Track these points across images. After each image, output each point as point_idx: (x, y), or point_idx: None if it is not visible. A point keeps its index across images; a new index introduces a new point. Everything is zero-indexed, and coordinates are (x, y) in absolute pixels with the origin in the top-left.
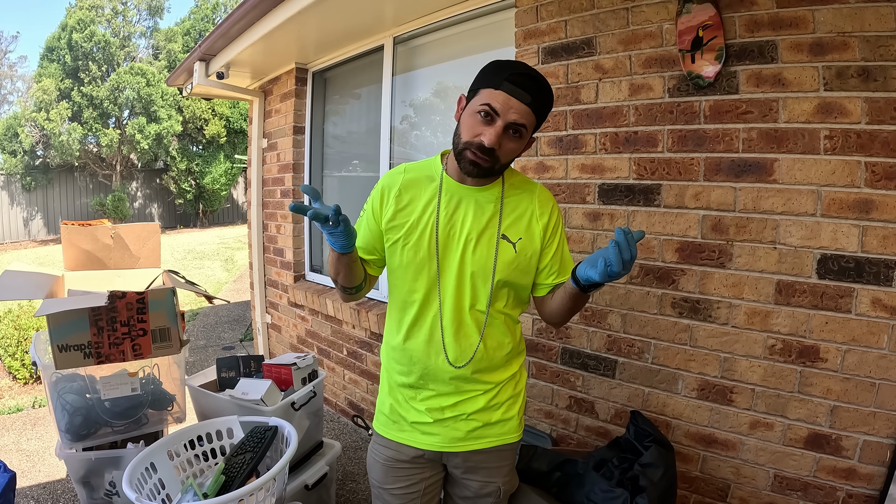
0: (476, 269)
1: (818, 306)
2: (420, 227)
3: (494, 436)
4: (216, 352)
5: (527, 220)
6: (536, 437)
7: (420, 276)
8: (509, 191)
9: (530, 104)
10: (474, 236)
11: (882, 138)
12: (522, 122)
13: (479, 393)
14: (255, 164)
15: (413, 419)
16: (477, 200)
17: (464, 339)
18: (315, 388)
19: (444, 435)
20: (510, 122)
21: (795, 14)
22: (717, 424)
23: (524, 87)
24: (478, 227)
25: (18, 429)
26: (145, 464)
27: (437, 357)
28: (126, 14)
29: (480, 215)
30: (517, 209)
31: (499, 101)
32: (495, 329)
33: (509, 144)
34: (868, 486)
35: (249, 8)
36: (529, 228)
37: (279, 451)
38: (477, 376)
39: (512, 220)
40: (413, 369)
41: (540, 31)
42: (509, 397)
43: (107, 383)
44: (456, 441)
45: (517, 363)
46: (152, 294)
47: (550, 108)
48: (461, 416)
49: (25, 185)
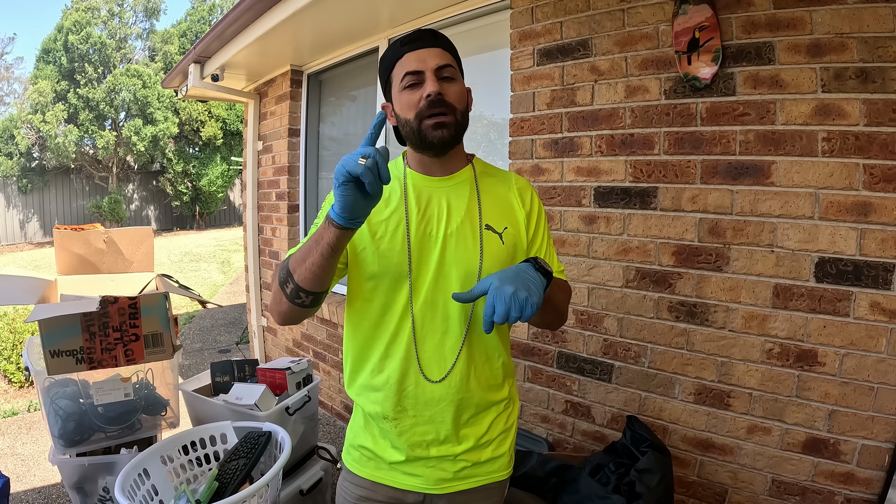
0: (459, 269)
1: (816, 310)
2: (391, 231)
3: (484, 474)
4: (212, 355)
5: (508, 208)
6: (532, 441)
7: (396, 284)
8: (482, 177)
9: (437, 46)
10: (454, 231)
11: (881, 140)
12: (446, 62)
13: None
14: (251, 166)
15: (392, 459)
16: (449, 191)
17: (447, 351)
18: (310, 392)
19: (429, 476)
20: (435, 67)
21: (793, 15)
22: (714, 429)
23: (419, 39)
24: (456, 221)
25: (13, 433)
26: (138, 470)
27: (415, 375)
28: (122, 16)
29: (457, 207)
30: (496, 195)
31: (411, 61)
32: (481, 335)
33: (451, 87)
34: (867, 491)
35: (244, 10)
36: (513, 217)
37: (273, 456)
38: (464, 396)
39: (492, 208)
40: (389, 395)
41: (535, 32)
42: (500, 433)
43: (100, 388)
44: (442, 482)
45: (508, 384)
46: (144, 299)
47: (455, 49)
48: (448, 457)
49: (21, 187)
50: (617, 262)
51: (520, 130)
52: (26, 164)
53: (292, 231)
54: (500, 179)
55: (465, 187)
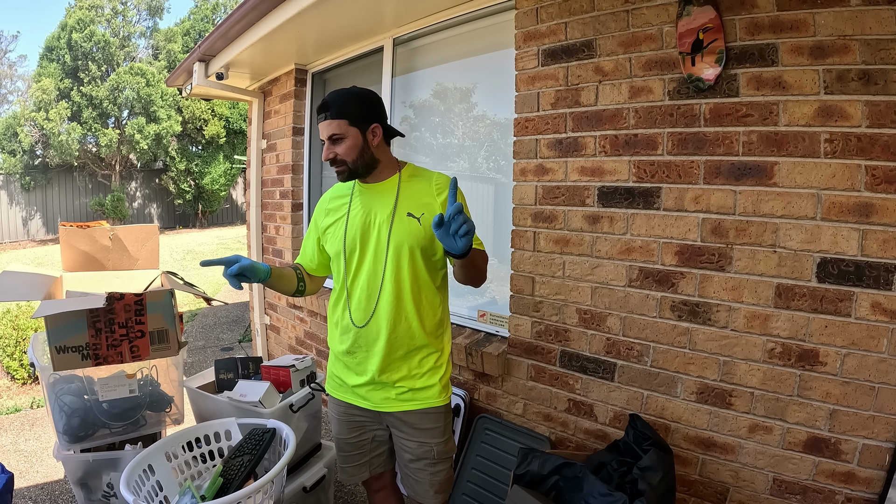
0: (394, 243)
1: (818, 310)
2: (337, 227)
3: (420, 399)
4: (215, 353)
5: (425, 199)
6: (535, 439)
7: (339, 260)
8: (405, 181)
9: (329, 117)
10: (386, 218)
11: (882, 142)
12: (332, 132)
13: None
14: (255, 164)
15: (353, 383)
16: (380, 192)
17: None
18: (313, 390)
19: (377, 396)
20: (327, 138)
21: (796, 17)
22: (716, 428)
23: (320, 111)
24: (386, 212)
25: (16, 429)
26: (143, 465)
27: (348, 321)
28: (126, 14)
29: (386, 202)
30: (414, 192)
31: (320, 131)
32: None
33: (337, 148)
34: (867, 490)
35: (249, 9)
36: (429, 205)
37: (277, 453)
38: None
39: (411, 201)
40: (345, 337)
41: (540, 32)
42: (429, 368)
43: (105, 385)
44: (387, 401)
45: (434, 338)
46: (150, 296)
47: (354, 99)
48: (388, 383)
49: (24, 184)
50: (620, 261)
51: (524, 130)
52: (29, 161)
53: (296, 229)
54: (422, 178)
55: (391, 189)
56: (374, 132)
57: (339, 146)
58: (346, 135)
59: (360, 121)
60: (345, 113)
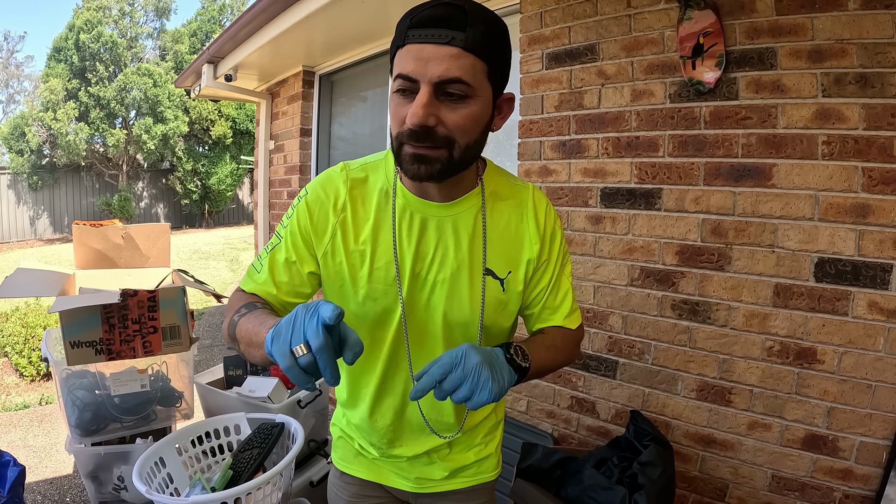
0: (453, 319)
1: (815, 309)
2: (378, 265)
3: (470, 475)
4: (222, 351)
5: (516, 245)
6: (538, 436)
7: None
8: (492, 202)
9: (457, 43)
10: (448, 275)
11: (879, 144)
12: (455, 76)
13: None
14: (262, 165)
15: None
16: (448, 222)
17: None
18: (321, 386)
19: (415, 475)
20: (437, 81)
21: (795, 21)
22: (715, 425)
23: (432, 22)
24: (453, 263)
25: (25, 425)
26: (154, 458)
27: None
28: (133, 15)
29: (456, 245)
30: (504, 226)
31: (410, 60)
32: None
33: (452, 115)
34: (864, 487)
35: (258, 12)
36: (520, 256)
37: (285, 447)
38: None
39: (498, 246)
40: (383, 440)
41: (544, 36)
42: (486, 434)
43: (116, 380)
44: (428, 482)
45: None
46: (163, 293)
47: (502, 40)
48: (432, 461)
49: (32, 184)
50: (622, 260)
51: (528, 132)
52: (37, 161)
53: None
54: (514, 203)
55: (468, 218)
56: (509, 105)
57: (451, 109)
58: (477, 90)
59: (503, 77)
60: (489, 49)
